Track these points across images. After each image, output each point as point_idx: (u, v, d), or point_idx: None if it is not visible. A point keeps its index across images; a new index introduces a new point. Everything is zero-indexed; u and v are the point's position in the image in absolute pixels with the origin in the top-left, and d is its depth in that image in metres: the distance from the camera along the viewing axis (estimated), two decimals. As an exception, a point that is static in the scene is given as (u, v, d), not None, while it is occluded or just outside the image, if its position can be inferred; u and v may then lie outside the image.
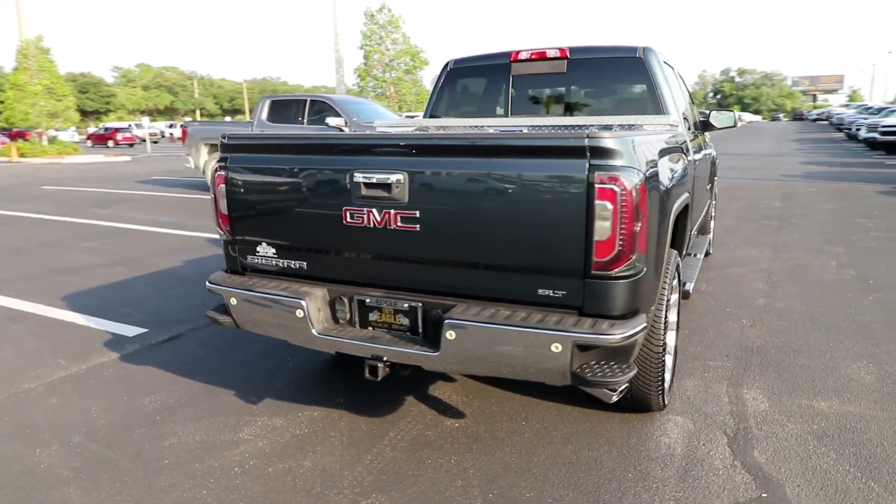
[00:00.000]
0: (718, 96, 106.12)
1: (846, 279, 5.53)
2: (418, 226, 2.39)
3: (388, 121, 4.43)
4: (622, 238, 2.11)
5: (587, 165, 2.10)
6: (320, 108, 11.30)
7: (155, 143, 42.71)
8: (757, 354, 3.87)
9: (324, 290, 2.69)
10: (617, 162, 2.09)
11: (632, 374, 2.20)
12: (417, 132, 2.84)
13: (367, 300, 2.64)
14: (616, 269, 2.16)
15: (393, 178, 2.38)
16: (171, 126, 56.49)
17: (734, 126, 5.01)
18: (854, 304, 4.76)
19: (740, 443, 2.85)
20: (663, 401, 2.99)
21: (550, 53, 4.07)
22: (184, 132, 12.99)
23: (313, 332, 2.61)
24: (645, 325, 2.22)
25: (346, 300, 2.68)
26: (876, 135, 21.69)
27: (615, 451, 2.79)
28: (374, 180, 2.42)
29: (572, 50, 4.02)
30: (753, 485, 2.53)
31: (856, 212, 9.24)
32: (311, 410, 3.23)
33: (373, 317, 2.65)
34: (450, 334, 2.29)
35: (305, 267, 2.74)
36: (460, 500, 2.46)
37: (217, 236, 3.04)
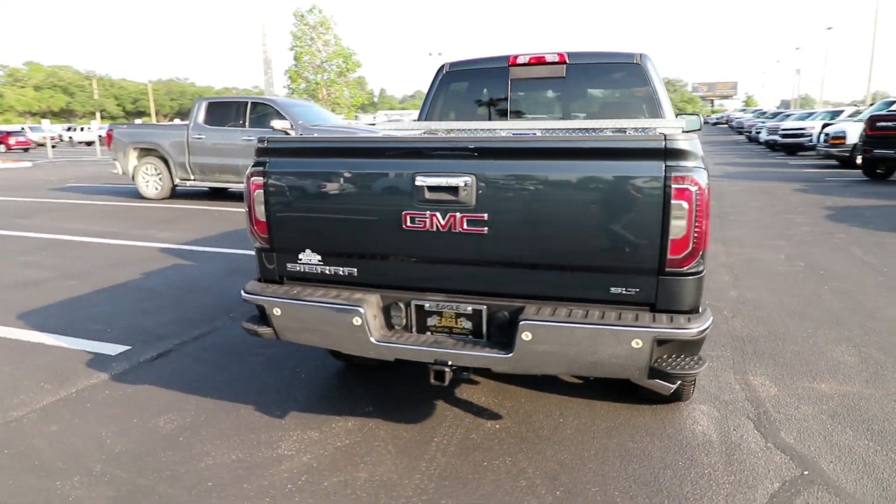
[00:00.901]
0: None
1: (799, 271, 5.98)
2: (486, 228, 2.39)
3: (390, 124, 4.39)
4: (695, 236, 2.22)
5: (664, 166, 2.19)
6: (263, 111, 10.95)
7: (53, 147, 39.74)
8: (749, 343, 4.12)
9: (377, 297, 2.64)
10: (690, 163, 2.19)
11: (705, 365, 2.31)
12: (483, 135, 2.83)
13: (426, 305, 2.61)
14: (687, 266, 2.26)
15: (460, 181, 2.38)
16: (69, 129, 52.76)
17: (700, 129, 5.31)
18: (815, 294, 5.17)
19: (766, 426, 3.03)
20: (693, 391, 3.14)
21: (549, 58, 4.17)
22: (109, 136, 12.20)
23: (371, 340, 2.55)
24: (712, 318, 2.33)
25: (402, 305, 2.64)
26: (777, 137, 23.51)
27: (658, 442, 2.90)
28: (440, 183, 2.40)
29: (570, 55, 4.14)
30: (792, 464, 2.71)
31: (782, 208, 9.99)
32: (344, 421, 3.15)
33: (431, 321, 2.63)
34: (526, 335, 2.31)
35: (356, 273, 2.68)
36: (531, 500, 2.48)
37: (171, 246, 2.90)
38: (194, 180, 11.57)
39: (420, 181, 2.43)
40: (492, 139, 2.53)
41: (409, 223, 2.49)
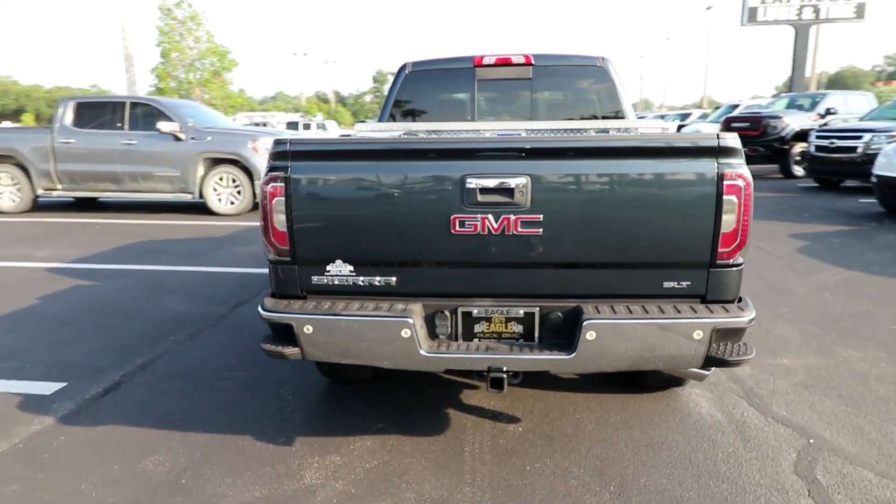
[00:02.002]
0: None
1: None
2: (542, 230, 2.36)
3: (368, 125, 4.17)
4: (743, 229, 2.34)
5: (716, 164, 2.29)
6: (146, 112, 10.00)
7: None
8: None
9: (419, 306, 2.50)
10: (736, 160, 2.32)
11: (755, 351, 2.44)
12: (537, 135, 2.76)
13: (475, 311, 2.52)
14: (734, 258, 2.39)
15: (515, 182, 2.33)
16: None
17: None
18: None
19: (757, 402, 3.29)
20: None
21: (515, 59, 4.21)
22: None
23: (422, 352, 2.42)
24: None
25: (447, 313, 2.53)
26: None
27: (676, 428, 3.04)
28: (495, 185, 2.34)
29: (536, 57, 4.21)
30: (797, 435, 2.96)
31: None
32: (361, 441, 2.97)
33: (479, 328, 2.54)
34: (590, 335, 2.32)
35: (394, 283, 2.52)
36: (592, 498, 2.50)
37: (60, 265, 2.63)
38: (62, 190, 10.31)
39: (472, 183, 2.34)
40: (548, 139, 2.50)
41: (458, 227, 2.39)
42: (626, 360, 2.39)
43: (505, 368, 2.41)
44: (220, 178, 9.93)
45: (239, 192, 9.95)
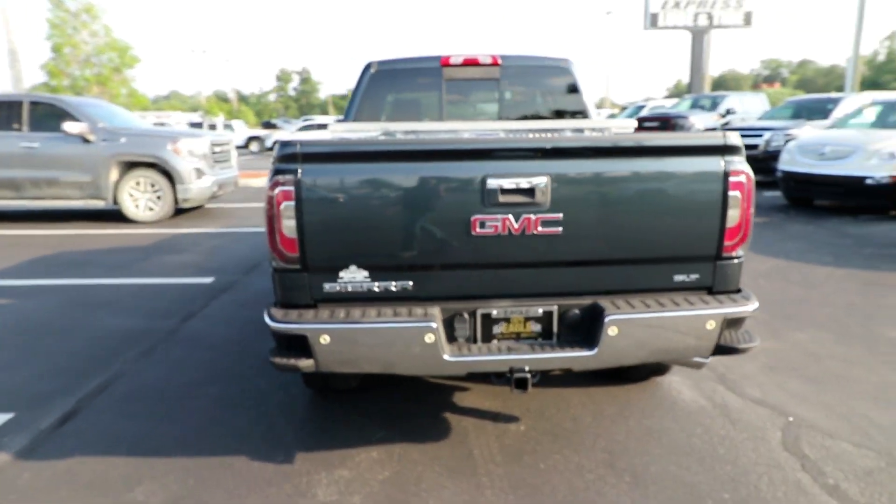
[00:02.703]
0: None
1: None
2: (561, 228, 2.38)
3: (342, 126, 3.98)
4: (745, 223, 2.47)
5: (723, 161, 2.40)
6: (49, 112, 9.17)
7: None
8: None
9: (437, 309, 2.45)
10: (739, 157, 2.44)
11: (758, 339, 2.58)
12: (557, 135, 2.75)
13: (494, 312, 2.50)
14: (736, 251, 2.51)
15: (536, 182, 2.33)
16: None
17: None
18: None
19: (732, 386, 3.49)
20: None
21: (483, 60, 4.22)
22: None
23: (445, 357, 2.37)
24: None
25: (466, 316, 2.49)
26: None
27: (668, 415, 3.17)
28: (517, 185, 2.33)
29: (503, 57, 4.24)
30: (775, 414, 3.17)
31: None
32: (365, 452, 2.87)
33: (498, 329, 2.52)
34: (612, 330, 2.36)
35: (411, 287, 2.45)
36: (612, 490, 2.55)
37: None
38: (-53, 198, 9.26)
39: (493, 184, 2.32)
40: (568, 139, 2.51)
41: (478, 228, 2.36)
42: (644, 353, 2.46)
43: (527, 368, 2.41)
44: (137, 183, 9.28)
45: (159, 198, 9.34)
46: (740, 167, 2.42)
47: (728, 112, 14.58)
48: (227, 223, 9.29)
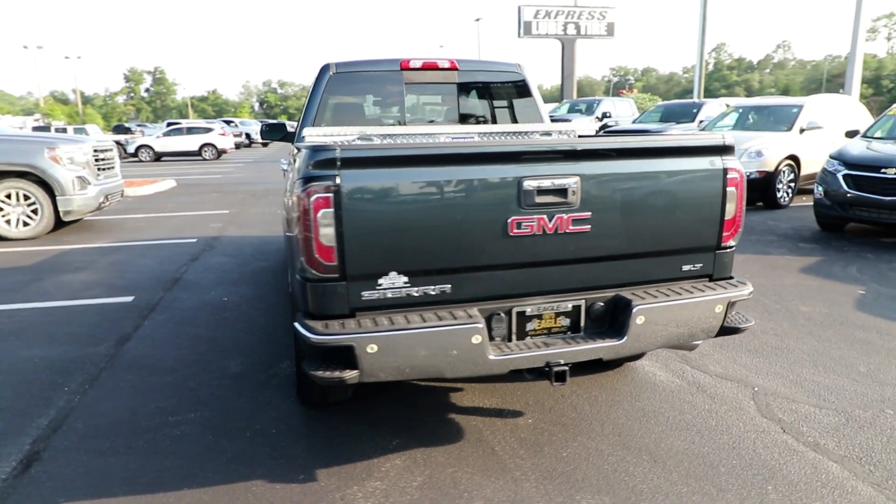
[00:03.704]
0: (265, 105, 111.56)
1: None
2: (589, 226, 2.51)
3: (320, 129, 3.79)
4: (739, 216, 2.76)
5: (721, 160, 2.66)
6: None
7: None
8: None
9: (475, 310, 2.48)
10: (732, 157, 2.72)
11: (753, 320, 2.87)
12: (585, 137, 2.82)
13: (528, 310, 2.57)
14: (731, 241, 2.79)
15: (568, 182, 2.44)
16: None
17: None
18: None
19: (697, 365, 3.84)
20: None
21: (441, 64, 4.26)
22: None
23: (490, 357, 2.41)
24: None
25: (503, 315, 2.54)
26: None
27: (655, 396, 3.42)
28: (552, 186, 2.42)
29: (460, 62, 4.31)
30: (742, 386, 3.53)
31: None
32: (387, 461, 2.83)
33: (531, 326, 2.59)
34: (639, 319, 2.53)
35: (449, 290, 2.45)
36: (637, 470, 2.72)
37: None
38: None
39: (529, 185, 2.40)
40: (595, 141, 2.62)
41: (515, 229, 2.43)
42: (663, 339, 2.66)
43: (562, 361, 2.51)
44: (8, 196, 8.23)
45: (35, 212, 8.34)
46: (734, 165, 2.69)
47: (604, 115, 15.71)
48: (119, 236, 8.51)
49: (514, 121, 4.44)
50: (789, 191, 9.75)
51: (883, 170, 6.80)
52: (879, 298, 5.09)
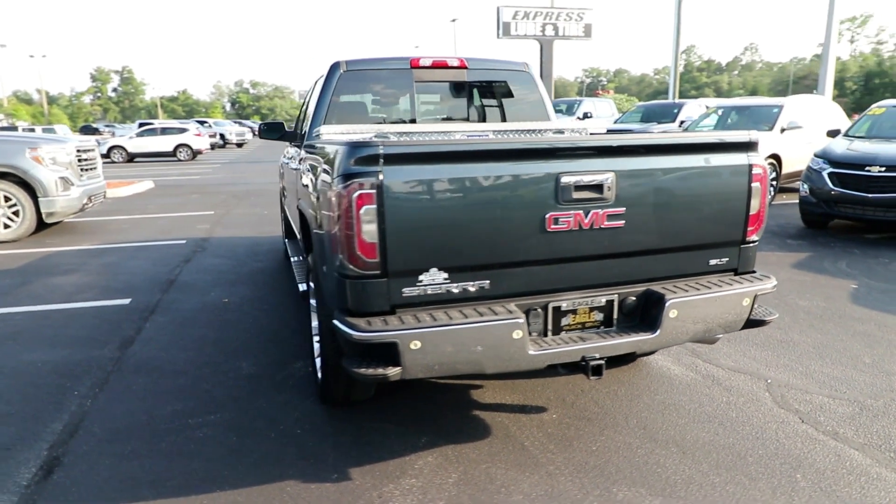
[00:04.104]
0: (236, 106, 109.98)
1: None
2: (623, 221, 2.55)
3: (340, 127, 3.74)
4: (763, 211, 2.82)
5: (746, 156, 2.72)
6: None
7: None
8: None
9: (513, 305, 2.49)
10: (757, 153, 2.78)
11: (776, 312, 2.93)
12: (619, 134, 2.84)
13: (563, 305, 2.59)
14: (755, 236, 2.85)
15: (604, 178, 2.47)
16: None
17: None
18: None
19: (709, 359, 3.90)
20: None
21: (451, 62, 4.26)
22: None
23: (530, 352, 2.42)
24: None
25: (539, 310, 2.55)
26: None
27: (672, 389, 3.47)
28: (586, 182, 2.45)
29: (469, 61, 4.31)
30: (755, 378, 3.61)
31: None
32: (419, 458, 2.83)
33: (566, 320, 2.61)
34: (672, 313, 2.57)
35: (487, 286, 2.46)
36: (668, 461, 2.76)
37: None
38: None
39: (567, 181, 2.42)
40: (630, 138, 2.66)
41: (553, 225, 2.45)
42: (693, 332, 2.70)
43: (598, 355, 2.53)
44: (-12, 197, 8.00)
45: (16, 213, 8.12)
46: (759, 161, 2.75)
47: (585, 115, 15.88)
48: (105, 238, 8.33)
49: (523, 119, 4.47)
50: (771, 189, 9.97)
51: (867, 168, 7.00)
52: (872, 292, 5.24)
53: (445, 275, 2.40)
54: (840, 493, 2.51)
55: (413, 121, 4.32)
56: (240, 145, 38.78)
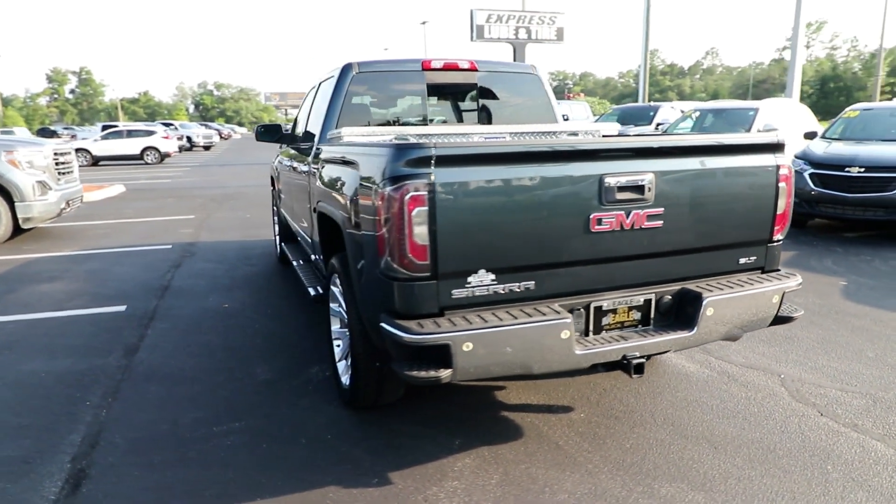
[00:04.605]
0: (200, 108, 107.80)
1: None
2: (661, 222, 2.59)
3: (364, 129, 3.68)
4: (788, 210, 2.90)
5: (774, 157, 2.80)
6: None
7: None
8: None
9: (557, 306, 2.51)
10: (783, 154, 2.86)
11: (802, 309, 3.01)
12: (660, 135, 2.87)
13: (604, 304, 2.62)
14: (780, 235, 2.93)
15: (645, 178, 2.52)
16: None
17: None
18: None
19: (719, 356, 3.99)
20: None
21: (462, 65, 4.27)
22: None
23: (577, 351, 2.45)
24: None
25: (581, 310, 2.58)
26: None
27: (692, 388, 3.54)
28: (628, 183, 2.49)
29: (479, 63, 4.33)
30: (768, 374, 3.70)
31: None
32: (458, 460, 2.82)
33: (606, 320, 2.64)
34: (709, 311, 2.63)
35: (532, 286, 2.48)
36: (703, 457, 2.82)
37: None
38: None
39: (610, 182, 2.46)
40: (668, 139, 2.70)
41: (596, 225, 2.48)
42: (726, 329, 2.76)
43: (638, 354, 2.57)
44: (-39, 202, 7.69)
45: (-9, 218, 7.83)
46: (785, 162, 2.83)
47: (564, 118, 16.02)
48: (86, 244, 8.09)
49: (532, 121, 4.50)
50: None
51: (847, 168, 7.25)
52: (862, 289, 5.42)
53: (493, 276, 2.41)
54: (871, 483, 2.59)
55: (425, 122, 4.32)
56: (207, 148, 38.09)
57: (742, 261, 2.87)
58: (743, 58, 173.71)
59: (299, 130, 5.22)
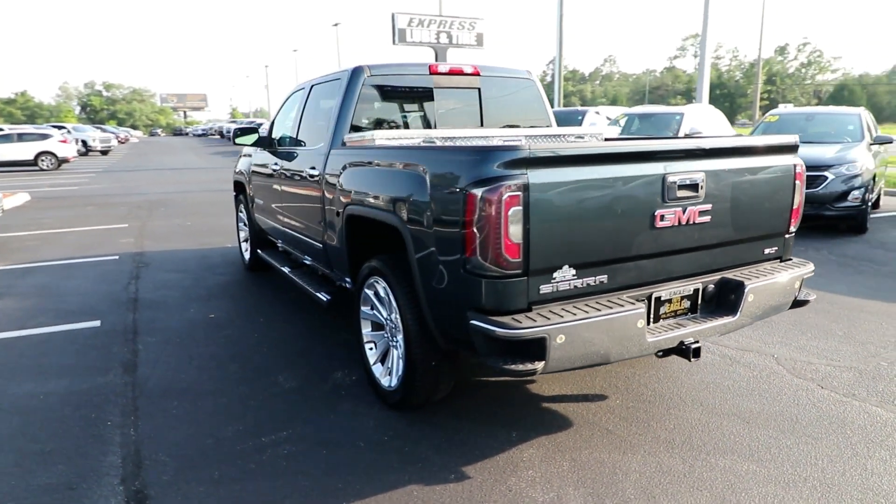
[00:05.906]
0: (88, 110, 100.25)
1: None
2: (710, 217, 2.83)
3: (389, 132, 3.62)
4: (800, 205, 3.23)
5: (791, 157, 3.13)
6: None
7: None
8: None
9: (626, 297, 2.68)
10: (797, 154, 3.19)
11: (814, 294, 3.35)
12: (710, 138, 3.06)
13: (663, 295, 2.81)
14: (794, 227, 3.26)
15: (698, 177, 2.74)
16: None
17: None
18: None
19: (717, 341, 4.32)
20: None
21: (466, 69, 4.37)
22: None
23: (648, 339, 2.62)
24: None
25: (645, 300, 2.76)
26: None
27: (703, 371, 3.83)
28: (686, 181, 2.70)
29: (481, 68, 4.45)
30: (762, 356, 4.07)
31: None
32: (522, 452, 2.93)
33: (663, 309, 2.84)
34: (751, 297, 2.89)
35: (605, 280, 2.63)
36: (741, 432, 3.08)
37: None
38: None
39: (672, 180, 2.66)
40: (717, 141, 2.92)
41: (660, 221, 2.68)
42: (760, 314, 3.04)
43: (692, 339, 2.79)
44: None
45: None
46: (799, 161, 3.17)
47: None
48: (19, 257, 7.45)
49: (530, 124, 4.67)
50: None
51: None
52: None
53: (574, 271, 2.54)
54: (888, 443, 2.95)
55: (433, 126, 4.38)
56: (104, 152, 35.58)
57: (767, 251, 3.17)
58: (638, 65, 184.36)
59: (284, 135, 5.12)
